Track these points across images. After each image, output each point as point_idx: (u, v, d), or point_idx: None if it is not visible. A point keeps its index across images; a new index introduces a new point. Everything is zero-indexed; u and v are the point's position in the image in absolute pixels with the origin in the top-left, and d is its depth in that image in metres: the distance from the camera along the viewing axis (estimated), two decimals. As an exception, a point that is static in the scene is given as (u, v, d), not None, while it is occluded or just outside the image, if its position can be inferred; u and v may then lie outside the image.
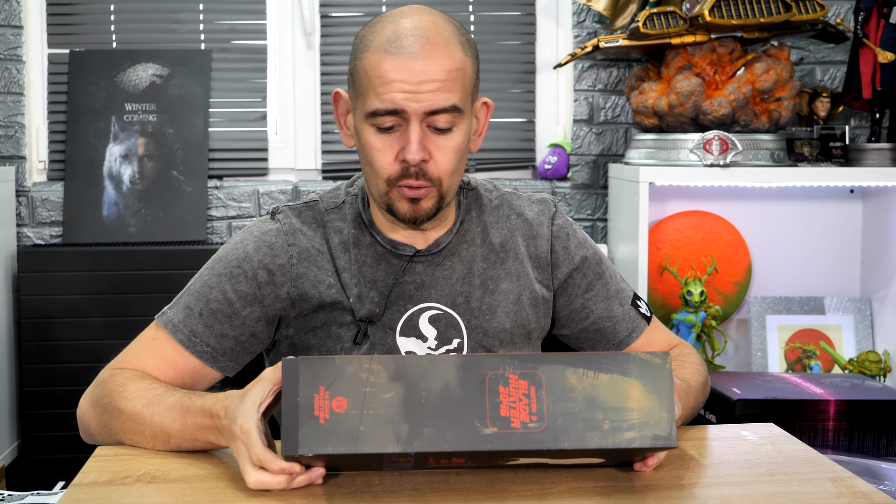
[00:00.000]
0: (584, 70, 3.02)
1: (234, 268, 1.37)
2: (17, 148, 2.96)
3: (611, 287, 1.48)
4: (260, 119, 3.04)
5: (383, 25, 1.32)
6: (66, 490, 1.11)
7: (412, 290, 1.39)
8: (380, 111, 1.28)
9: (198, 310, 1.36)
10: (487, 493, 1.09)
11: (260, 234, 1.40)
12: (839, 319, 2.87)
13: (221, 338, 1.36)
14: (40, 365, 2.80)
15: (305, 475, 1.10)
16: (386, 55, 1.28)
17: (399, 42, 1.28)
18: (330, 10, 3.04)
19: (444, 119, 1.29)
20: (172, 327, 1.35)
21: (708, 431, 1.35)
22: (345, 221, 1.41)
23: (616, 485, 1.12)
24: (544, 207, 1.48)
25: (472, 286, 1.41)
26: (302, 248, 1.38)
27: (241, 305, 1.36)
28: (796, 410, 1.76)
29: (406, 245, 1.39)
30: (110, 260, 2.79)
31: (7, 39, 2.93)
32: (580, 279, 1.47)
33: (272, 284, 1.37)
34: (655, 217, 2.89)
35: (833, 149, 2.75)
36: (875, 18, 2.71)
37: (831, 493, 1.10)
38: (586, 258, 1.47)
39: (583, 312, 1.47)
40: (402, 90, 1.27)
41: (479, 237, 1.43)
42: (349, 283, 1.38)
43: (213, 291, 1.36)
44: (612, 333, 1.48)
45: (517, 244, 1.45)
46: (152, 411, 1.24)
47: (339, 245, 1.39)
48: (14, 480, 2.74)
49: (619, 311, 1.48)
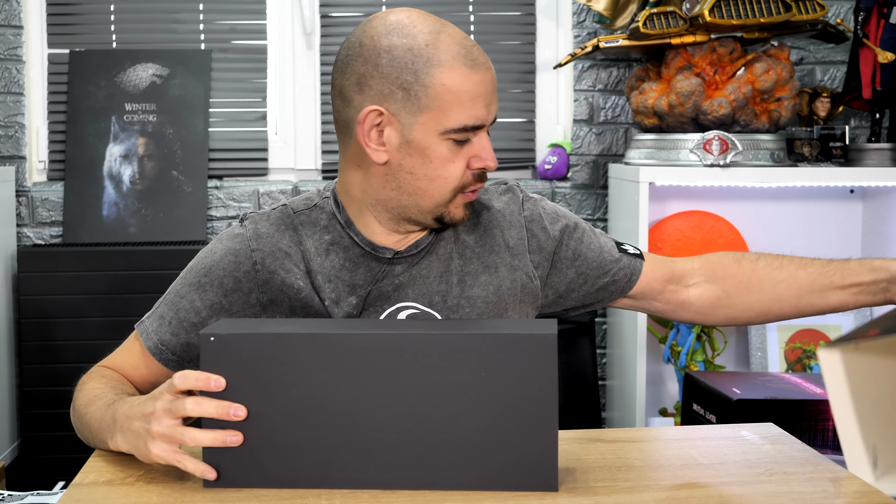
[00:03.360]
0: (584, 70, 3.02)
1: (202, 277, 1.39)
2: (17, 148, 2.96)
3: (594, 245, 1.49)
4: (260, 119, 3.04)
5: (436, 38, 1.30)
6: (66, 490, 1.12)
7: (390, 291, 1.38)
8: (468, 127, 1.30)
9: (168, 318, 1.39)
10: (487, 492, 1.09)
11: (227, 240, 1.41)
12: (839, 319, 2.87)
13: (188, 346, 1.39)
14: (40, 365, 2.80)
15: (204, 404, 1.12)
16: (469, 69, 1.30)
17: (470, 55, 1.31)
18: (330, 10, 3.04)
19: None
20: (146, 336, 1.40)
21: (708, 431, 1.35)
22: (317, 224, 1.40)
23: (616, 484, 1.12)
24: (512, 196, 1.49)
25: (449, 284, 1.40)
26: (267, 253, 1.38)
27: (207, 314, 1.38)
28: (796, 410, 1.76)
29: (385, 248, 1.39)
30: (110, 260, 2.79)
31: (7, 39, 2.93)
32: (564, 251, 1.48)
33: (239, 292, 1.38)
34: (655, 217, 2.89)
35: (833, 149, 2.75)
36: (875, 18, 2.71)
37: (831, 493, 1.10)
38: (564, 229, 1.48)
39: (579, 280, 1.48)
40: (486, 104, 1.31)
41: (452, 234, 1.43)
42: (323, 286, 1.37)
43: (182, 301, 1.39)
44: (613, 286, 1.49)
45: (493, 237, 1.45)
46: (90, 410, 1.29)
47: (313, 248, 1.39)
48: (14, 480, 2.74)
49: (610, 265, 1.49)
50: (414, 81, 1.29)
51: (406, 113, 1.30)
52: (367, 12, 3.03)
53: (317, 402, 1.10)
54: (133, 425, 1.16)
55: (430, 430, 1.10)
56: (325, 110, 3.05)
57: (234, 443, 1.10)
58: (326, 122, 3.05)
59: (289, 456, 1.11)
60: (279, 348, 1.10)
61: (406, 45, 1.30)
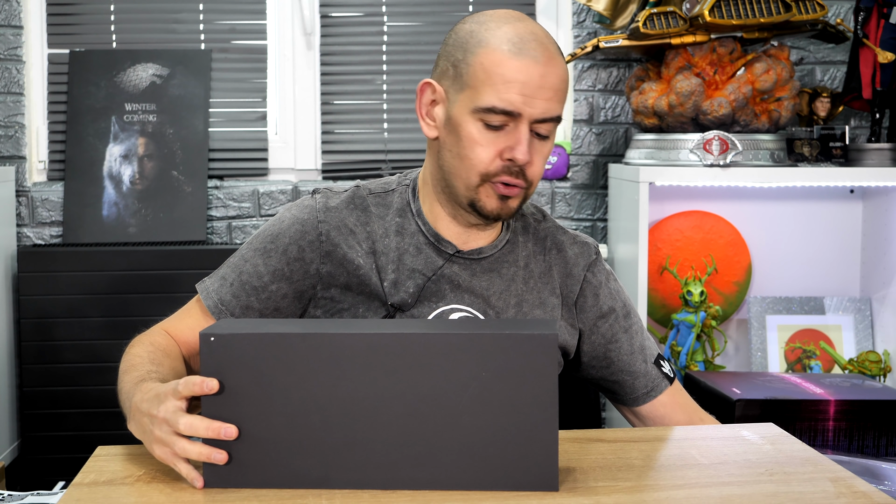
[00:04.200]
0: (584, 70, 3.02)
1: (268, 243, 1.42)
2: (17, 148, 2.96)
3: (635, 342, 1.49)
4: (260, 119, 3.04)
5: (499, 25, 1.32)
6: (66, 490, 1.12)
7: (447, 290, 1.40)
8: (496, 108, 1.30)
9: (230, 280, 1.43)
10: (487, 492, 1.09)
11: (297, 210, 1.44)
12: (839, 319, 2.87)
13: (246, 309, 1.41)
14: (40, 365, 2.80)
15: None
16: (511, 55, 1.30)
17: (524, 44, 1.30)
18: (330, 10, 3.04)
19: (546, 127, 1.33)
20: (206, 294, 1.43)
21: (708, 431, 1.35)
22: (389, 207, 1.43)
23: (616, 484, 1.12)
24: (584, 251, 1.49)
25: (507, 304, 1.42)
26: (332, 226, 1.41)
27: (269, 280, 1.41)
28: (796, 410, 1.76)
29: (448, 242, 1.41)
30: (110, 260, 2.79)
31: (7, 39, 2.93)
32: (606, 329, 1.47)
33: (301, 261, 1.40)
34: (655, 217, 2.89)
35: (833, 149, 2.75)
36: (875, 18, 2.71)
37: (831, 493, 1.10)
38: (614, 309, 1.48)
39: (604, 361, 1.48)
40: (522, 93, 1.30)
41: (522, 261, 1.45)
42: (385, 268, 1.39)
43: (246, 265, 1.43)
44: (630, 388, 1.48)
45: (553, 279, 1.46)
46: (123, 379, 1.29)
47: (381, 230, 1.41)
48: (14, 480, 2.74)
49: (640, 366, 1.48)
50: (462, 59, 1.33)
51: (453, 90, 1.35)
52: (368, 12, 3.03)
53: (317, 402, 1.10)
54: (142, 420, 1.16)
55: (431, 430, 1.09)
56: (325, 110, 3.05)
57: (218, 460, 1.10)
58: (326, 122, 3.05)
59: (289, 456, 1.11)
60: (279, 348, 1.10)
61: (470, 30, 1.34)
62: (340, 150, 3.04)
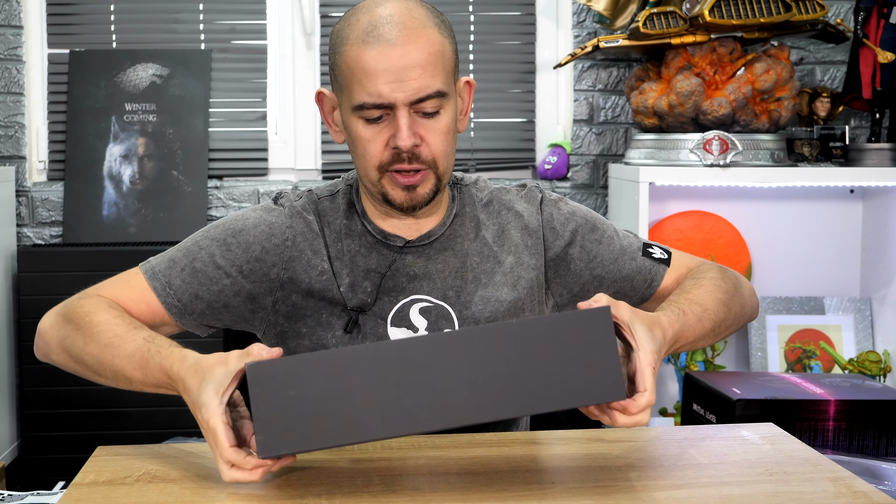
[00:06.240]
0: (584, 70, 3.02)
1: (229, 236, 1.38)
2: (17, 148, 2.96)
3: (614, 248, 1.47)
4: (260, 119, 3.04)
5: (358, 17, 1.31)
6: (66, 490, 1.11)
7: (404, 283, 1.39)
8: (367, 104, 1.29)
9: (181, 264, 1.38)
10: (487, 492, 1.09)
11: (263, 212, 1.41)
12: (839, 319, 2.87)
13: (195, 298, 1.37)
14: (40, 365, 2.77)
15: (278, 463, 1.10)
16: (365, 46, 1.28)
17: (376, 31, 1.28)
18: (330, 10, 3.04)
19: (430, 104, 1.30)
20: (152, 274, 1.38)
21: (708, 431, 1.35)
22: (337, 210, 1.42)
23: (616, 484, 1.12)
24: (531, 196, 1.48)
25: (464, 280, 1.41)
26: (299, 232, 1.39)
27: (223, 273, 1.37)
28: (796, 410, 1.75)
29: (396, 236, 1.40)
30: (110, 260, 2.78)
31: (7, 39, 2.93)
32: (578, 252, 1.46)
33: (262, 262, 1.38)
34: (655, 217, 2.89)
35: (833, 149, 2.75)
36: (875, 18, 2.71)
37: (831, 493, 1.10)
38: (576, 231, 1.46)
39: (594, 282, 1.47)
40: (387, 81, 1.27)
41: (472, 232, 1.44)
42: (340, 272, 1.38)
43: (201, 252, 1.38)
44: (631, 290, 1.47)
45: (511, 237, 1.45)
46: (113, 354, 1.24)
47: (332, 233, 1.41)
48: (14, 480, 2.74)
49: (629, 267, 1.47)
50: (334, 63, 1.34)
51: (338, 94, 1.36)
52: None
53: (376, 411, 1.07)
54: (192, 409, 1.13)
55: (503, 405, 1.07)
56: (325, 110, 3.05)
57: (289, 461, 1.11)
58: (326, 122, 3.05)
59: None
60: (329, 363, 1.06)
61: (337, 29, 1.34)
62: (340, 150, 3.04)
